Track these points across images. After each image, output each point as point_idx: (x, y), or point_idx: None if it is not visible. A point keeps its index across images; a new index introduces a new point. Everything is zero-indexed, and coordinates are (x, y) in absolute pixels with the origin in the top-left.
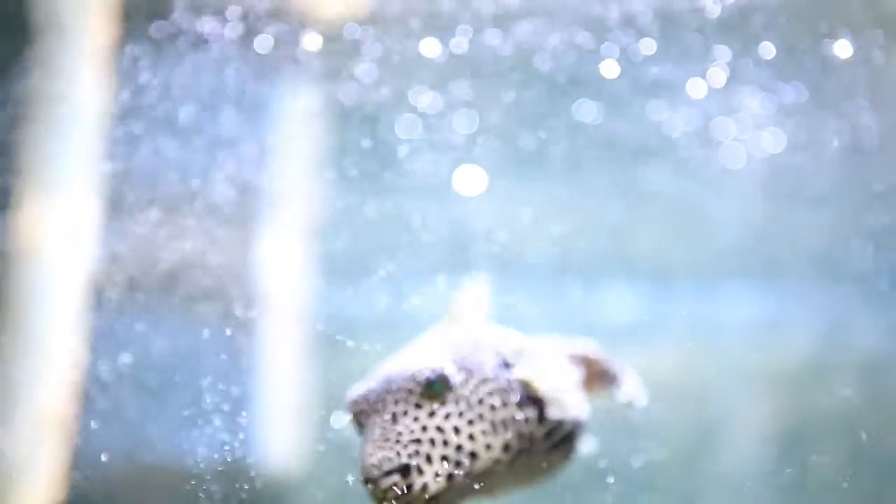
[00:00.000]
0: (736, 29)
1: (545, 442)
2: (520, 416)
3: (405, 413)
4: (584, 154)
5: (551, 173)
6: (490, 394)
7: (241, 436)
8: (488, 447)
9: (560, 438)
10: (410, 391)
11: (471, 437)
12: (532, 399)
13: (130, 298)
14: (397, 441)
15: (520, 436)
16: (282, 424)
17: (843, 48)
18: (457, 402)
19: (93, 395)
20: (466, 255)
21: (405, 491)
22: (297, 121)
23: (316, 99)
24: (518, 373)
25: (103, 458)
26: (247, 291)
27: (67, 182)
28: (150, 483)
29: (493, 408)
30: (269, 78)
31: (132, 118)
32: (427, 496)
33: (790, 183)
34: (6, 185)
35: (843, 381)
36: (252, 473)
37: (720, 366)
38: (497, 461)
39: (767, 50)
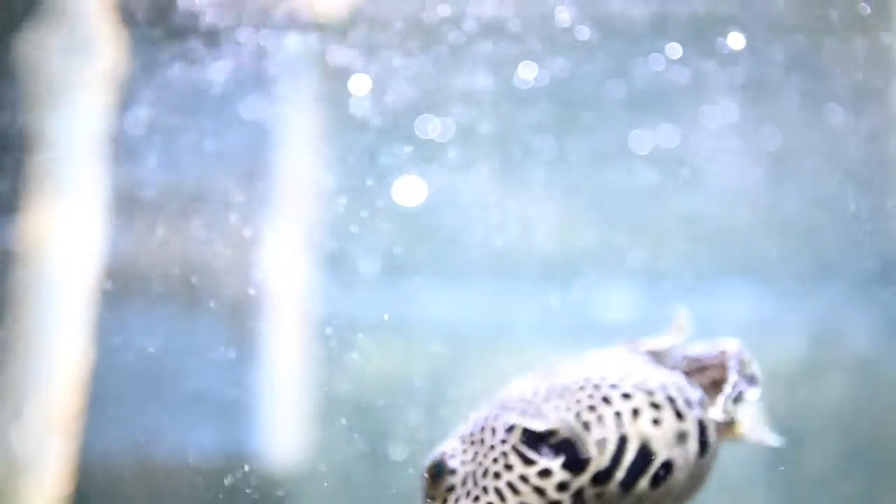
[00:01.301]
0: None
1: (609, 489)
2: (530, 471)
3: None
4: (569, 150)
5: (541, 171)
6: (494, 460)
7: (244, 432)
8: None
9: (632, 481)
10: (424, 481)
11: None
12: (555, 446)
13: (136, 297)
14: None
15: (540, 492)
16: (284, 421)
17: None
18: (464, 483)
19: (99, 392)
20: (467, 255)
21: None
22: (303, 115)
23: (323, 93)
24: (514, 419)
25: (109, 453)
26: (251, 289)
27: (74, 182)
28: (154, 478)
29: (496, 475)
30: (278, 72)
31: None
32: None
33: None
34: (14, 186)
35: (835, 380)
36: (255, 468)
37: None
38: None
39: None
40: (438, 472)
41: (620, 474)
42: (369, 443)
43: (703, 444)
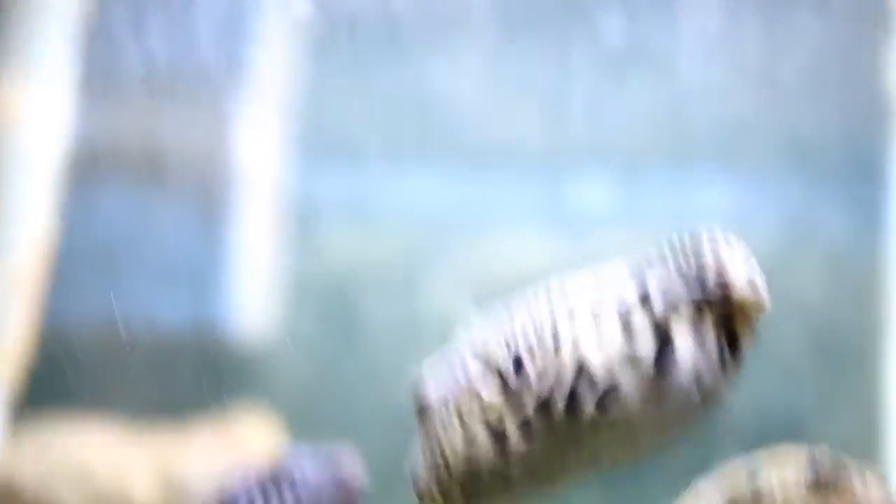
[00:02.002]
0: None
1: (555, 417)
2: (476, 402)
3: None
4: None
5: (522, 51)
6: (451, 390)
7: (213, 306)
8: (452, 448)
9: (575, 407)
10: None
11: (439, 441)
12: (499, 377)
13: (105, 175)
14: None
15: (485, 424)
16: (252, 297)
17: None
18: (441, 411)
19: (65, 265)
20: (441, 141)
21: (428, 499)
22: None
23: None
24: (465, 349)
25: (74, 324)
26: (222, 169)
27: (45, 59)
28: (121, 348)
29: (446, 404)
30: None
31: None
32: (441, 499)
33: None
34: None
35: (808, 273)
36: (222, 341)
37: None
38: (473, 459)
39: None
40: (421, 404)
41: (561, 403)
42: (338, 321)
43: (663, 364)
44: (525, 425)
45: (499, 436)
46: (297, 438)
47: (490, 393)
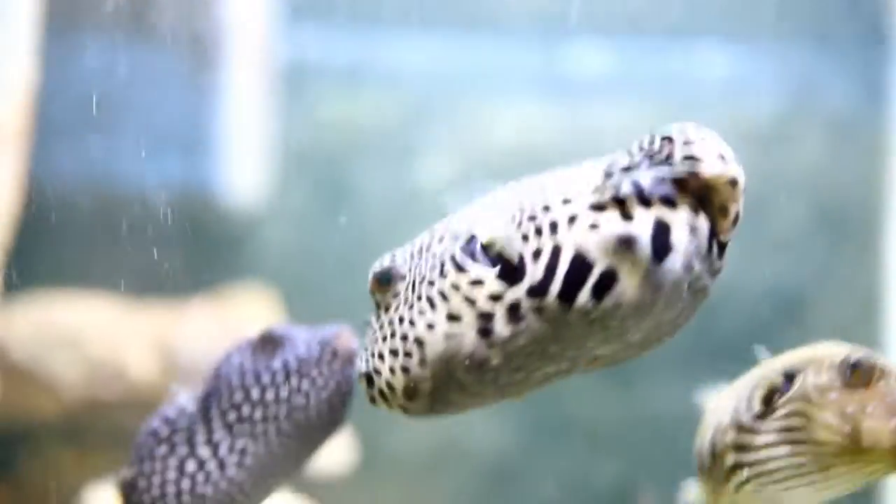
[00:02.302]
0: None
1: (547, 303)
2: (464, 279)
3: (375, 313)
4: None
5: None
6: (432, 268)
7: (203, 168)
8: (430, 326)
9: (569, 293)
10: (371, 288)
11: (412, 322)
12: (493, 258)
13: (90, 23)
14: (366, 347)
15: (471, 302)
16: (243, 160)
17: None
18: (406, 289)
19: (49, 117)
20: (438, 6)
21: (382, 398)
22: None
23: None
24: (456, 226)
25: (62, 180)
26: (213, 28)
27: None
28: (109, 208)
29: (431, 282)
30: None
31: None
32: (403, 396)
33: None
34: None
35: (808, 142)
36: (214, 203)
37: (689, 120)
38: (453, 340)
39: None
40: (385, 278)
41: (556, 287)
42: (328, 187)
43: (661, 249)
44: (513, 309)
45: (484, 316)
46: (289, 311)
47: (479, 269)
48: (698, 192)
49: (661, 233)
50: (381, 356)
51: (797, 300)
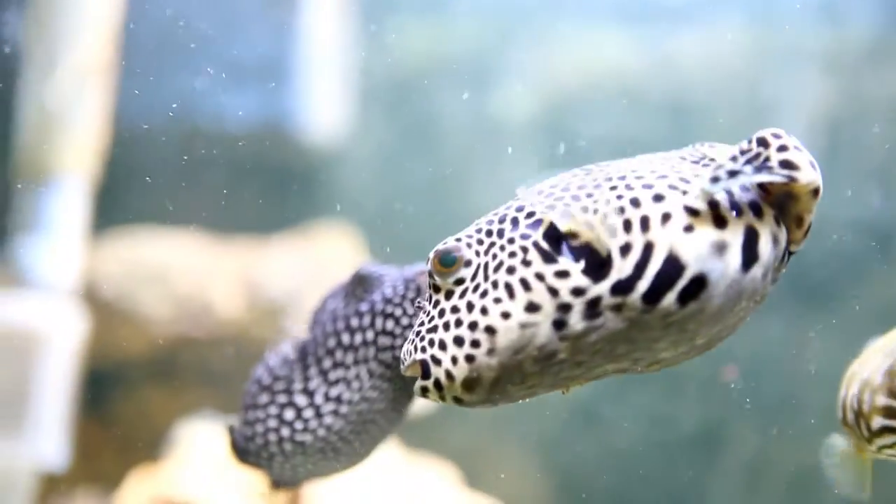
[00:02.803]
0: None
1: (629, 302)
2: (548, 269)
3: (429, 297)
4: None
5: None
6: (511, 254)
7: (283, 102)
8: (505, 315)
9: (656, 294)
10: (429, 273)
11: (483, 310)
12: (578, 249)
13: None
14: (418, 333)
15: (553, 293)
16: (323, 94)
17: None
18: (474, 276)
19: (132, 53)
20: None
21: (436, 388)
22: None
23: None
24: (539, 212)
25: (144, 114)
26: None
27: None
28: (191, 143)
29: (510, 270)
30: None
31: None
32: (462, 387)
33: None
34: None
35: None
36: (295, 138)
37: (775, 48)
38: (527, 330)
39: None
40: (449, 261)
41: (643, 285)
42: (408, 119)
43: (750, 258)
44: (593, 304)
45: (563, 308)
46: (371, 247)
47: (566, 261)
48: (779, 201)
49: (752, 242)
50: (441, 345)
51: (889, 234)
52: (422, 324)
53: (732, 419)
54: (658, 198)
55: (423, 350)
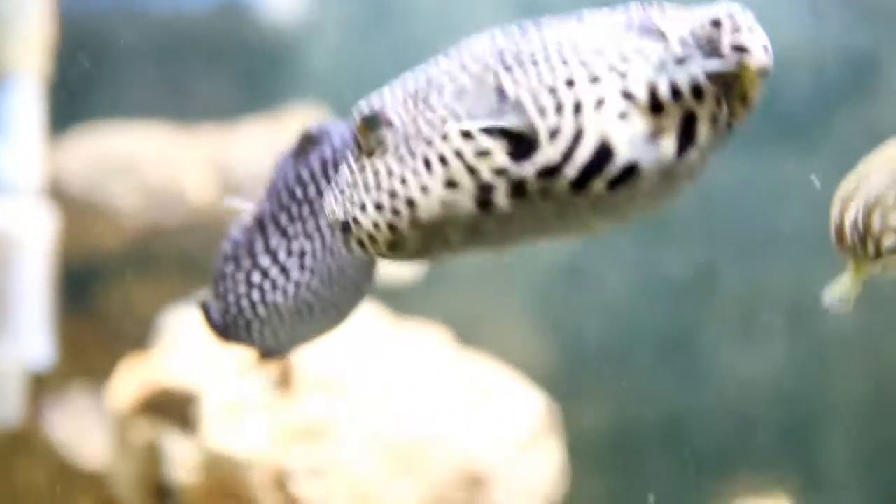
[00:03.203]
0: None
1: (556, 186)
2: (469, 147)
3: (353, 155)
4: None
5: None
6: (432, 124)
7: None
8: (424, 189)
9: (584, 181)
10: (351, 128)
11: (403, 180)
12: (501, 126)
13: None
14: (342, 190)
15: (472, 171)
16: None
17: None
18: (396, 141)
19: None
20: None
21: (360, 246)
22: None
23: None
24: (463, 81)
25: (93, 2)
26: None
27: None
28: (145, 27)
29: (428, 142)
30: None
31: None
32: (386, 248)
33: None
34: None
35: None
36: (255, 17)
37: None
38: (448, 207)
39: None
40: (373, 123)
41: (571, 172)
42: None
43: (686, 143)
44: (518, 186)
45: (485, 188)
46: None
47: (486, 140)
48: (724, 80)
49: (689, 127)
50: (362, 207)
51: (868, 63)
52: (345, 179)
53: (722, 260)
54: (594, 79)
55: (344, 208)
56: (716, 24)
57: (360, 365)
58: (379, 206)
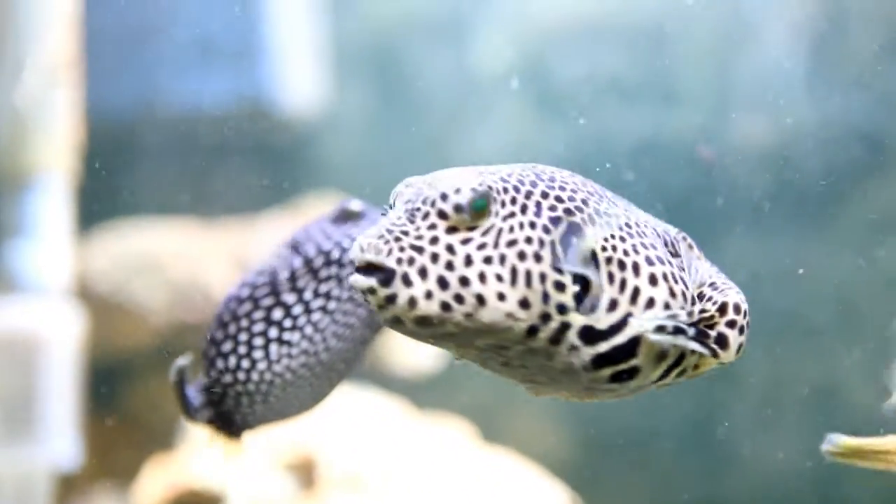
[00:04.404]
0: None
1: (582, 352)
2: (553, 277)
3: (426, 216)
4: None
5: None
6: (529, 241)
7: (256, 77)
8: (501, 297)
9: (603, 362)
10: (443, 196)
11: (482, 276)
12: (584, 287)
13: None
14: (398, 238)
15: (544, 314)
16: (300, 64)
17: None
18: (485, 233)
19: (96, 41)
20: None
21: (389, 302)
22: None
23: None
24: (589, 240)
25: (117, 103)
26: None
27: None
28: (168, 126)
29: (522, 256)
30: None
31: None
32: (415, 321)
33: None
34: None
35: None
36: (275, 114)
37: None
38: (509, 321)
39: None
40: (480, 206)
41: (603, 347)
42: (386, 84)
43: (666, 373)
44: (562, 329)
45: (544, 317)
46: None
47: (568, 277)
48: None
49: (679, 362)
50: (422, 272)
51: (879, 141)
52: (402, 228)
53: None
54: (653, 280)
55: (399, 261)
56: (722, 308)
57: (382, 461)
58: (444, 284)
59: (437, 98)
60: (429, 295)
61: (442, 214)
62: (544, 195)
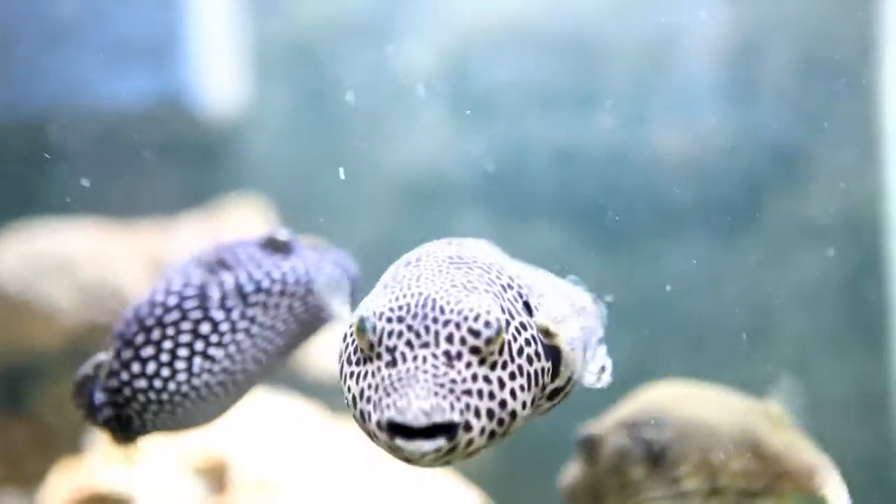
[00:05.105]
0: None
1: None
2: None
3: (459, 356)
4: None
5: None
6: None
7: (176, 77)
8: (524, 405)
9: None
10: (473, 332)
11: (512, 393)
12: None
13: None
14: (452, 390)
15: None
16: (220, 64)
17: None
18: (502, 351)
19: (9, 40)
20: None
21: (450, 450)
22: None
23: None
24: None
25: (29, 101)
26: None
27: None
28: (82, 125)
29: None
30: None
31: None
32: (466, 453)
33: None
34: None
35: None
36: (194, 114)
37: None
38: (522, 422)
39: None
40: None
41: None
42: (308, 86)
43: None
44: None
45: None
46: (283, 221)
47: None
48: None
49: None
50: (477, 413)
51: (794, 154)
52: (449, 377)
53: (654, 361)
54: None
55: (461, 412)
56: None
57: (295, 465)
58: (491, 415)
59: (358, 100)
60: (482, 431)
61: (475, 350)
62: (509, 286)
